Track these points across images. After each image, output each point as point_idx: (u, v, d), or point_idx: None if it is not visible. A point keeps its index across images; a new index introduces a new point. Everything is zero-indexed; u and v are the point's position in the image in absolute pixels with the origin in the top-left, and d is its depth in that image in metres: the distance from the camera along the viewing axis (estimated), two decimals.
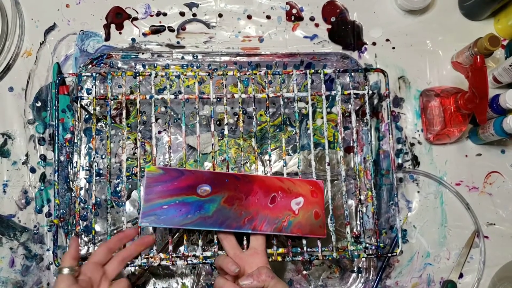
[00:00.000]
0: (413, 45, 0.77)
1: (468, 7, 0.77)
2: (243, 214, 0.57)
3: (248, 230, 0.57)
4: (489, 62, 0.78)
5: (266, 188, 0.59)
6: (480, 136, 0.73)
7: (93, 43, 0.74)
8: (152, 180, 0.56)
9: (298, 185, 0.60)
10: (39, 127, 0.71)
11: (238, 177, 0.59)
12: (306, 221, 0.59)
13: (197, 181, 0.57)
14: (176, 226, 0.56)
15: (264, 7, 0.77)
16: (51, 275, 0.69)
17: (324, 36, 0.77)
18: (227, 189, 0.58)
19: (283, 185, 0.60)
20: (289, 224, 0.58)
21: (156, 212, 0.55)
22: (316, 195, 0.60)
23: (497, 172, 0.76)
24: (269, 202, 0.59)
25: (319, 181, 0.61)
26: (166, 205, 0.56)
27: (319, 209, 0.60)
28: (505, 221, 0.75)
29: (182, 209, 0.56)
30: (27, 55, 0.73)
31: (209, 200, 0.57)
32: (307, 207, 0.60)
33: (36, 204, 0.70)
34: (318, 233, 0.59)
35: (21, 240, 0.69)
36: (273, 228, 0.58)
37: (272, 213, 0.58)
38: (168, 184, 0.57)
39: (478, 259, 0.73)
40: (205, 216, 0.56)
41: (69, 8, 0.75)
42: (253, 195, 0.58)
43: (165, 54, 0.74)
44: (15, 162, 0.70)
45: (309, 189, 0.60)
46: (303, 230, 0.59)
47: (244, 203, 0.58)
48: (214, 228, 0.57)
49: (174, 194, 0.56)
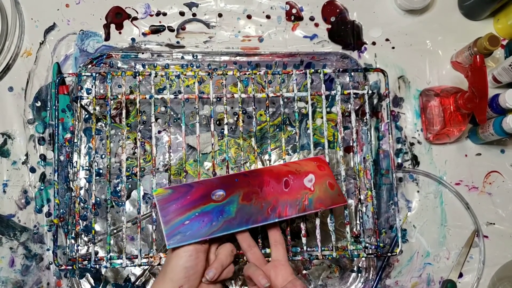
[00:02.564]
0: (412, 45, 0.77)
1: (468, 7, 0.77)
2: (264, 205, 0.57)
3: (275, 219, 0.56)
4: (489, 61, 0.78)
5: (276, 176, 0.59)
6: (479, 136, 0.73)
7: (93, 43, 0.74)
8: (164, 202, 0.56)
9: (303, 165, 0.61)
10: (39, 127, 0.71)
11: (246, 174, 0.59)
12: (325, 194, 0.59)
13: (208, 189, 0.57)
14: (205, 237, 0.54)
15: (264, 7, 0.77)
16: (51, 274, 0.69)
17: (324, 36, 0.77)
18: (241, 187, 0.58)
19: (290, 168, 0.60)
20: (310, 201, 0.58)
21: (180, 230, 0.54)
22: (323, 168, 0.61)
23: (497, 172, 0.76)
24: (284, 187, 0.59)
25: (320, 156, 0.62)
26: (187, 220, 0.55)
27: (331, 180, 0.60)
28: (505, 221, 0.75)
29: (204, 219, 0.55)
30: (27, 55, 0.73)
31: (227, 203, 0.57)
32: (320, 181, 0.60)
33: (36, 204, 0.70)
34: (339, 201, 0.59)
35: (21, 240, 0.69)
36: (297, 210, 0.57)
37: (291, 196, 0.58)
38: (181, 201, 0.56)
39: (478, 259, 0.73)
40: (229, 219, 0.56)
41: (69, 8, 0.75)
42: (267, 185, 0.58)
43: (165, 54, 0.74)
44: (15, 162, 0.70)
45: (315, 165, 0.61)
46: (325, 203, 0.58)
47: (261, 195, 0.58)
48: (242, 227, 0.56)
49: (191, 208, 0.56)
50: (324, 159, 0.62)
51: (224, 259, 0.55)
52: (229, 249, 0.56)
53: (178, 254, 0.53)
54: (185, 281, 0.52)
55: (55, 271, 0.69)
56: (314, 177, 0.60)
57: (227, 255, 0.56)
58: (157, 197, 0.56)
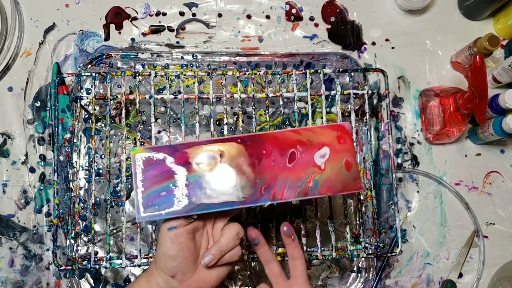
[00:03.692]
0: (412, 45, 0.77)
1: (468, 7, 0.77)
2: (258, 182, 0.47)
3: (266, 201, 0.47)
4: (489, 62, 0.78)
5: (281, 145, 0.48)
6: (479, 136, 0.73)
7: (92, 43, 0.74)
8: (143, 164, 0.47)
9: (319, 134, 0.49)
10: (39, 127, 0.71)
11: (245, 139, 0.48)
12: (337, 176, 0.48)
13: (196, 153, 0.47)
14: (181, 214, 0.46)
15: (263, 7, 0.77)
16: (51, 275, 0.69)
17: (324, 36, 0.77)
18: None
19: (301, 137, 0.48)
20: (316, 183, 0.47)
21: (155, 201, 0.46)
22: (344, 141, 0.49)
23: (497, 172, 0.76)
24: (288, 161, 0.48)
25: (344, 123, 0.49)
26: (164, 191, 0.46)
27: (350, 157, 0.48)
28: (505, 221, 0.75)
29: (184, 192, 0.47)
30: (27, 55, 0.73)
31: (215, 174, 0.47)
32: (335, 157, 0.48)
33: (36, 204, 0.70)
34: (352, 187, 0.48)
35: (21, 240, 0.69)
36: (296, 192, 0.47)
37: (293, 174, 0.47)
38: (161, 165, 0.46)
39: (478, 259, 0.73)
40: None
41: (69, 8, 0.74)
42: (267, 157, 0.48)
43: (165, 54, 0.74)
44: (14, 162, 0.70)
45: (335, 135, 0.49)
46: (334, 188, 0.48)
47: (257, 169, 0.47)
48: (225, 207, 0.46)
49: (171, 176, 0.46)
50: (349, 127, 0.49)
51: (226, 242, 0.48)
52: (234, 232, 0.49)
53: (160, 241, 0.47)
54: (177, 270, 0.47)
55: (55, 271, 0.69)
56: (329, 152, 0.48)
57: (230, 238, 0.48)
58: (135, 158, 0.47)
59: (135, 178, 0.46)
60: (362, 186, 0.50)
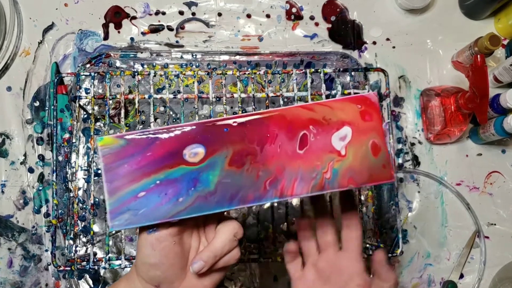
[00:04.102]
0: (413, 44, 0.77)
1: (469, 6, 0.77)
2: (262, 175, 0.38)
3: (273, 198, 0.38)
4: (490, 61, 0.78)
5: (290, 126, 0.39)
6: (480, 136, 0.73)
7: (91, 42, 0.73)
8: (112, 158, 0.37)
9: (338, 109, 0.39)
10: (37, 127, 0.71)
11: (243, 121, 0.39)
12: (362, 163, 0.39)
13: (181, 143, 0.38)
14: (164, 219, 0.38)
15: (263, 6, 0.76)
16: (50, 275, 0.69)
17: (324, 35, 0.76)
18: (230, 143, 0.38)
19: (315, 114, 0.39)
20: (335, 173, 0.38)
21: (131, 205, 0.37)
22: (369, 117, 0.39)
23: (498, 172, 0.75)
24: (298, 147, 0.39)
25: (370, 93, 0.40)
26: (142, 191, 0.37)
27: (378, 139, 0.39)
28: (506, 221, 0.74)
29: (168, 191, 0.38)
30: (25, 54, 0.73)
31: (206, 167, 0.38)
32: (359, 139, 0.39)
33: (35, 204, 0.69)
34: (381, 176, 0.39)
35: (19, 241, 0.69)
36: (310, 186, 0.38)
37: (306, 162, 0.38)
38: (138, 159, 0.38)
39: (479, 260, 0.73)
40: (206, 193, 0.38)
41: (68, 7, 0.74)
42: (272, 142, 0.39)
43: (164, 53, 0.74)
44: (13, 162, 0.70)
45: (357, 110, 0.39)
46: (359, 178, 0.38)
47: (260, 158, 0.38)
48: (221, 208, 0.38)
49: (150, 172, 0.38)
50: (376, 99, 0.40)
51: (220, 245, 0.40)
52: (230, 231, 0.41)
53: (139, 246, 0.39)
54: (161, 279, 0.40)
55: (54, 272, 0.69)
56: (351, 132, 0.39)
57: (226, 239, 0.40)
58: (103, 150, 0.38)
59: (104, 176, 0.37)
60: (393, 174, 0.39)
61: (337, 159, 0.39)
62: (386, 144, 0.39)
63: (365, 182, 0.39)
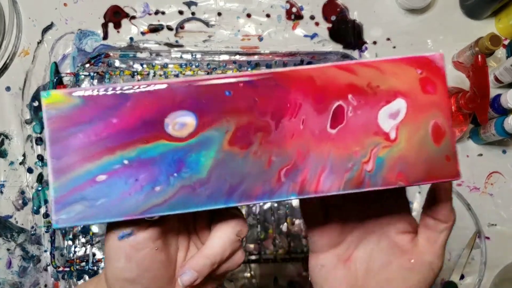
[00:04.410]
0: (413, 44, 0.77)
1: (469, 6, 0.77)
2: (275, 161, 0.27)
3: (289, 195, 0.27)
4: (490, 61, 0.77)
5: (320, 94, 0.27)
6: (481, 136, 0.73)
7: (91, 42, 0.73)
8: (62, 124, 0.26)
9: (390, 74, 0.28)
10: (37, 127, 0.71)
11: (253, 81, 0.27)
12: (418, 152, 0.28)
13: (162, 108, 0.26)
14: (132, 215, 0.26)
15: (263, 5, 0.76)
16: (49, 276, 0.68)
17: (324, 35, 0.76)
18: (233, 112, 0.27)
19: (357, 79, 0.27)
20: (379, 164, 0.27)
21: (85, 193, 0.26)
22: (432, 88, 0.28)
23: (498, 173, 0.75)
24: (330, 125, 0.27)
25: (435, 54, 0.29)
26: (102, 173, 0.26)
27: (443, 118, 0.28)
28: (507, 222, 0.74)
29: (139, 175, 0.26)
30: (25, 54, 0.72)
31: (197, 145, 0.27)
32: (415, 118, 0.28)
33: (34, 204, 0.69)
34: (444, 173, 0.28)
35: (18, 241, 0.68)
36: (343, 181, 0.27)
37: (339, 146, 0.27)
38: (98, 127, 0.26)
39: (479, 260, 0.73)
40: (194, 182, 0.27)
41: (67, 7, 0.74)
42: (292, 115, 0.27)
43: (164, 53, 0.73)
44: (12, 163, 0.70)
45: (417, 77, 0.28)
46: (413, 173, 0.28)
47: (274, 137, 0.27)
48: (215, 204, 0.27)
49: (116, 146, 0.26)
50: (442, 62, 0.29)
51: (219, 249, 0.29)
52: (231, 230, 0.30)
53: (108, 258, 0.29)
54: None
55: (53, 273, 0.69)
56: (406, 107, 0.28)
57: (226, 241, 0.30)
58: (49, 111, 0.26)
59: (49, 150, 0.26)
60: (459, 171, 0.28)
61: (384, 145, 0.27)
62: (452, 128, 0.28)
63: (421, 180, 0.28)
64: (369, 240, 0.34)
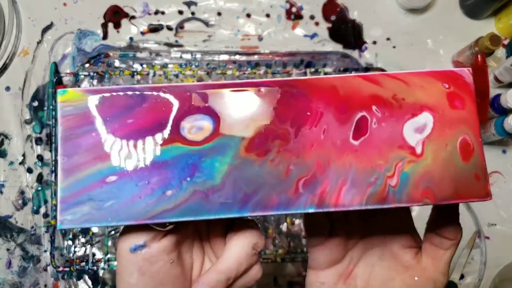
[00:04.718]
0: (413, 44, 0.77)
1: (469, 6, 0.77)
2: (294, 170, 0.26)
3: (307, 208, 0.26)
4: (490, 61, 0.77)
5: (343, 104, 0.27)
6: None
7: (90, 42, 0.73)
8: (75, 122, 0.26)
9: (416, 87, 0.28)
10: (36, 127, 0.71)
11: (273, 87, 0.27)
12: (445, 168, 0.27)
13: (179, 111, 0.27)
14: (141, 220, 0.25)
15: (263, 5, 0.76)
16: (49, 276, 0.68)
17: (324, 34, 0.76)
18: (251, 118, 0.27)
19: (382, 90, 0.27)
20: (404, 180, 0.26)
21: (93, 193, 0.26)
22: (461, 103, 0.28)
23: (498, 173, 0.75)
24: (352, 136, 0.27)
25: (463, 69, 0.29)
26: (113, 174, 0.26)
27: (471, 135, 0.27)
28: (507, 222, 0.74)
29: (151, 178, 0.26)
30: (24, 54, 0.72)
31: (212, 150, 0.26)
32: (443, 133, 0.27)
33: (33, 204, 0.69)
34: (473, 192, 0.27)
35: (18, 241, 0.68)
36: (366, 196, 0.26)
37: (362, 159, 0.27)
38: (112, 126, 0.26)
39: (479, 260, 0.73)
40: (207, 188, 0.26)
41: (67, 7, 0.74)
42: (313, 124, 0.27)
43: (163, 53, 0.73)
44: (12, 163, 0.70)
45: (444, 91, 0.28)
46: (440, 191, 0.27)
47: (293, 146, 0.26)
48: (228, 213, 0.26)
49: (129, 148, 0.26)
50: (471, 78, 0.29)
51: (234, 263, 0.28)
52: (247, 243, 0.29)
53: (120, 271, 0.28)
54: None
55: (53, 273, 0.69)
56: (433, 121, 0.27)
57: (242, 254, 0.28)
58: (64, 109, 0.26)
59: (60, 148, 0.26)
60: (489, 191, 0.27)
61: (410, 159, 0.27)
62: (482, 145, 0.27)
63: (448, 198, 0.27)
64: (371, 256, 0.33)
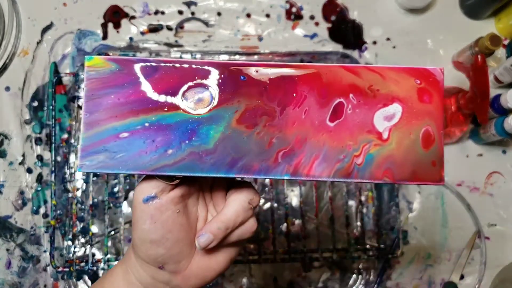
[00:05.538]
0: (413, 44, 0.77)
1: (469, 6, 0.77)
2: (275, 143, 0.31)
3: (283, 175, 0.31)
4: (490, 61, 0.77)
5: (324, 90, 0.31)
6: (481, 136, 0.73)
7: (90, 42, 0.73)
8: (98, 85, 0.31)
9: (391, 80, 0.31)
10: (36, 127, 0.71)
11: (267, 72, 0.32)
12: (406, 154, 0.31)
13: (185, 82, 0.32)
14: (145, 171, 0.31)
15: (263, 5, 0.76)
16: (48, 276, 0.68)
17: (324, 35, 0.76)
18: (245, 95, 0.31)
19: (360, 81, 0.31)
20: (369, 160, 0.31)
21: (109, 145, 0.31)
22: (429, 98, 0.31)
23: (498, 173, 0.75)
24: (329, 118, 0.31)
25: (435, 68, 0.32)
26: (126, 131, 0.31)
27: (434, 128, 0.31)
28: (506, 222, 0.74)
29: (157, 137, 0.31)
30: (24, 54, 0.72)
31: (209, 119, 0.31)
32: (409, 123, 0.31)
33: (33, 205, 0.69)
34: (428, 177, 0.31)
35: (18, 242, 0.68)
36: (334, 169, 0.31)
37: (334, 139, 0.31)
38: (128, 91, 0.31)
39: (479, 260, 0.73)
40: (201, 151, 0.31)
41: (66, 7, 0.74)
42: (297, 104, 0.31)
43: (163, 53, 0.73)
44: (11, 163, 0.70)
45: (415, 86, 0.31)
46: (398, 173, 0.31)
47: (277, 122, 0.31)
48: (217, 172, 0.31)
49: (140, 110, 0.31)
50: (441, 77, 0.32)
51: (232, 215, 0.34)
52: (244, 198, 0.34)
53: (135, 220, 0.34)
54: (165, 259, 0.33)
55: (52, 273, 0.68)
56: (401, 112, 0.31)
57: (239, 208, 0.34)
58: (89, 73, 0.32)
59: (84, 105, 0.31)
60: (442, 176, 0.32)
61: (376, 143, 0.31)
62: (442, 136, 0.31)
63: (405, 179, 0.31)
64: None
